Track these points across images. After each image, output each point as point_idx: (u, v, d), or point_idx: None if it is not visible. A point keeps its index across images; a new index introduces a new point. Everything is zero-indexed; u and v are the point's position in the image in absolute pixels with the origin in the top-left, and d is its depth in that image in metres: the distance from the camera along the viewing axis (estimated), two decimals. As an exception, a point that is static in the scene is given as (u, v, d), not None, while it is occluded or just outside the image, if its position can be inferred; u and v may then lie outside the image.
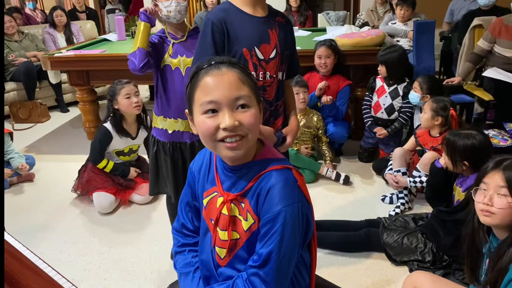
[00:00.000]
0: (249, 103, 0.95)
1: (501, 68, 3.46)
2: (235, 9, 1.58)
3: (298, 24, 5.32)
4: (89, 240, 2.57)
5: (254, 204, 0.99)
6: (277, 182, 0.97)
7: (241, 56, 1.57)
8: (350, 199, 2.94)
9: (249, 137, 0.95)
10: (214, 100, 0.92)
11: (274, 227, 0.94)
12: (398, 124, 3.28)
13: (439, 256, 2.13)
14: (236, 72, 0.95)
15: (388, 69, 3.20)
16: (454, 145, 2.16)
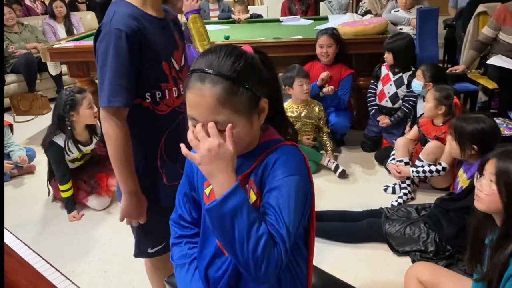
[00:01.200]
0: (228, 123, 0.89)
1: (506, 56, 3.40)
2: (143, 14, 1.31)
3: (300, 13, 5.26)
4: (89, 232, 2.56)
5: (258, 180, 0.97)
6: (283, 154, 0.96)
7: (161, 72, 1.35)
8: (352, 189, 2.92)
9: (238, 147, 0.92)
10: (194, 117, 0.92)
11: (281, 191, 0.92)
12: (401, 113, 3.25)
13: (442, 247, 2.11)
14: (217, 92, 0.88)
15: (395, 57, 3.17)
16: (463, 129, 2.14)
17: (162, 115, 1.39)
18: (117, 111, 1.29)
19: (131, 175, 1.36)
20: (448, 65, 4.75)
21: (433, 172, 2.60)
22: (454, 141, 2.22)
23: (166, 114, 1.40)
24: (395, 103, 3.29)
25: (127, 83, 1.27)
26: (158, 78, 1.36)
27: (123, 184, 1.37)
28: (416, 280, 1.75)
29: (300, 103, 3.18)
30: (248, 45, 1.01)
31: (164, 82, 1.37)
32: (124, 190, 1.38)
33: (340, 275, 2.10)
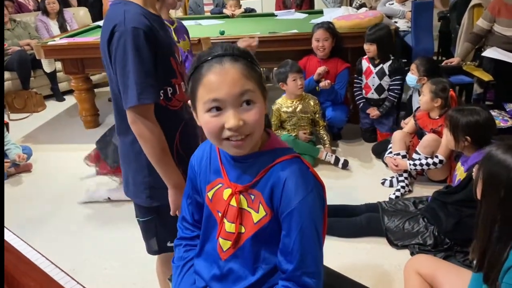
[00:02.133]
0: (254, 98, 0.91)
1: (501, 48, 3.41)
2: (147, 12, 1.32)
3: (294, 7, 5.24)
4: (88, 229, 2.56)
5: (268, 197, 0.98)
6: (291, 173, 0.96)
7: (171, 68, 1.38)
8: (350, 183, 2.93)
9: (254, 135, 0.94)
10: (218, 98, 0.89)
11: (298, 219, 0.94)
12: (389, 103, 3.33)
13: (441, 239, 2.13)
14: (239, 67, 0.90)
15: (379, 48, 3.21)
16: (457, 121, 2.16)
17: (174, 110, 1.41)
18: (148, 110, 1.29)
19: (175, 169, 1.37)
20: (443, 58, 4.77)
21: (430, 164, 2.62)
22: (449, 132, 2.24)
23: (178, 109, 1.42)
24: (382, 94, 3.35)
25: (152, 80, 1.28)
26: (169, 74, 1.37)
27: (169, 179, 1.37)
28: (415, 272, 1.77)
29: (294, 98, 3.18)
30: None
31: (174, 77, 1.39)
32: (170, 185, 1.37)
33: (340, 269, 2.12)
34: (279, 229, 0.98)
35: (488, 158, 1.35)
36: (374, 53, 3.24)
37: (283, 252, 0.97)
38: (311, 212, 0.95)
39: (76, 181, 3.14)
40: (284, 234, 0.97)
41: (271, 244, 1.00)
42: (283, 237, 0.97)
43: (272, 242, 1.00)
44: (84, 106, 4.02)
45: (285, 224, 0.96)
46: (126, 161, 1.48)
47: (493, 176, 1.32)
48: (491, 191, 1.34)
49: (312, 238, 0.95)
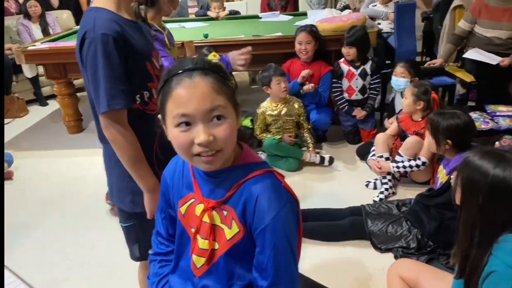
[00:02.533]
0: (225, 113, 0.89)
1: (483, 49, 3.45)
2: (120, 18, 1.32)
3: (279, 8, 5.24)
4: (71, 238, 2.53)
5: (241, 213, 0.96)
6: (264, 188, 0.94)
7: (147, 72, 1.38)
8: (334, 185, 2.94)
9: (225, 151, 0.92)
10: (187, 113, 0.87)
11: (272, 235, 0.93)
12: (372, 101, 3.40)
13: (424, 242, 2.14)
14: (210, 81, 0.89)
15: (359, 50, 3.24)
16: (438, 124, 2.18)
17: (152, 114, 1.41)
18: (120, 115, 1.30)
19: (149, 172, 1.37)
20: (427, 58, 4.81)
21: (413, 167, 2.64)
22: (431, 135, 2.26)
23: (155, 113, 1.41)
24: (365, 94, 3.42)
25: (123, 85, 1.28)
26: (145, 78, 1.38)
27: (143, 184, 1.38)
28: (398, 277, 1.78)
29: (279, 101, 3.18)
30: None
31: (150, 81, 1.40)
32: (145, 189, 1.38)
33: (324, 273, 2.13)
34: (253, 245, 0.97)
35: (466, 164, 1.36)
36: (354, 56, 3.26)
37: (257, 268, 0.96)
38: (284, 227, 0.93)
39: (59, 188, 3.10)
40: (258, 250, 0.96)
41: (245, 261, 0.99)
42: (257, 253, 0.96)
43: (246, 259, 0.99)
44: (67, 111, 3.97)
45: (258, 240, 0.95)
46: (109, 167, 1.48)
47: (471, 182, 1.33)
48: (469, 197, 1.35)
49: (286, 253, 0.94)
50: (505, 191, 1.25)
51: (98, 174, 3.21)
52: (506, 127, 2.59)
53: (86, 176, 3.24)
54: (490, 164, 1.29)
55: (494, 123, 2.64)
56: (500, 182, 1.25)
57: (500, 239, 1.26)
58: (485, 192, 1.28)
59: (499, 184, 1.25)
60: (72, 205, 2.87)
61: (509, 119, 2.69)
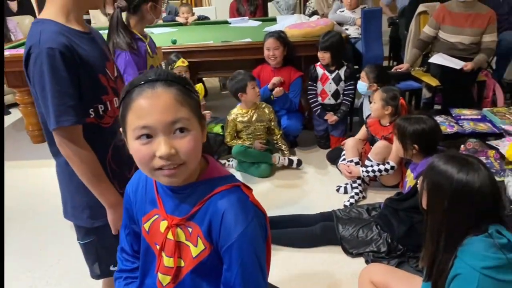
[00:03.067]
0: (188, 126, 0.86)
1: (447, 54, 3.54)
2: (69, 30, 1.26)
3: (248, 14, 5.24)
4: (35, 253, 2.43)
5: (206, 230, 0.93)
6: (230, 204, 0.92)
7: (100, 84, 1.32)
8: (305, 190, 2.94)
9: (188, 165, 0.88)
10: (148, 125, 0.84)
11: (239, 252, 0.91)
12: (345, 107, 3.41)
13: (394, 246, 2.16)
14: (173, 92, 0.85)
15: (333, 55, 3.26)
16: (405, 129, 2.21)
17: (106, 128, 1.36)
18: (71, 131, 1.24)
19: (109, 187, 1.34)
20: (394, 62, 4.90)
21: (382, 171, 2.67)
22: (398, 140, 2.29)
23: (110, 126, 1.38)
24: (338, 99, 3.42)
25: (72, 101, 1.23)
26: (98, 91, 1.33)
27: (104, 199, 1.34)
28: (369, 281, 1.79)
29: (251, 106, 3.16)
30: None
31: (104, 94, 1.35)
32: (107, 205, 1.35)
33: (295, 280, 2.12)
34: (220, 262, 0.95)
35: (431, 169, 1.38)
36: (329, 61, 3.28)
37: (225, 285, 0.94)
38: (252, 243, 0.91)
39: (23, 201, 2.98)
40: (225, 267, 0.93)
41: (213, 278, 0.96)
42: (225, 270, 0.93)
43: (213, 276, 0.96)
44: (31, 120, 3.84)
45: (225, 257, 0.92)
46: (62, 182, 1.43)
47: (436, 186, 1.35)
48: (435, 201, 1.37)
49: (254, 270, 0.92)
50: (468, 194, 1.27)
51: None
52: (470, 130, 2.65)
53: (51, 187, 3.12)
54: (454, 168, 1.31)
55: (459, 127, 2.70)
56: (464, 186, 1.27)
57: (465, 242, 1.28)
58: (450, 196, 1.30)
59: (463, 188, 1.27)
60: (36, 218, 2.77)
61: (472, 122, 2.75)
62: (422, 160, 2.19)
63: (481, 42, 3.46)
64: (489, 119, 2.80)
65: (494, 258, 1.19)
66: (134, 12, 2.12)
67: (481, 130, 2.65)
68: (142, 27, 2.17)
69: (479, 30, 3.42)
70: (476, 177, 1.27)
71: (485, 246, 1.22)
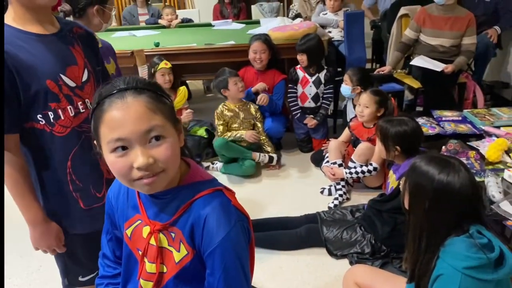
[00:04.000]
0: (163, 132, 0.85)
1: (428, 56, 3.59)
2: (15, 32, 1.19)
3: (232, 16, 5.24)
4: (15, 259, 2.38)
5: (189, 235, 0.92)
6: (213, 209, 0.91)
7: (47, 91, 1.22)
8: (289, 192, 2.94)
9: (168, 172, 0.87)
10: (122, 137, 0.82)
11: (222, 257, 0.90)
12: (324, 110, 3.43)
13: (377, 247, 2.18)
14: (144, 100, 0.84)
15: (309, 57, 3.28)
16: (387, 131, 2.23)
17: (61, 137, 1.30)
18: (6, 139, 1.19)
19: (32, 203, 1.30)
20: (377, 65, 4.95)
21: (365, 172, 2.69)
22: (380, 142, 2.31)
23: (65, 135, 1.31)
24: (318, 102, 3.44)
25: (8, 108, 1.17)
26: (45, 98, 1.24)
27: (25, 213, 1.31)
28: (353, 283, 1.80)
29: (237, 102, 3.21)
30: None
31: (53, 101, 1.26)
32: (27, 220, 1.32)
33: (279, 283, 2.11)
34: (203, 267, 0.94)
35: (413, 170, 1.40)
36: (306, 63, 3.30)
37: None
38: (234, 248, 0.91)
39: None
40: (208, 272, 0.92)
41: (196, 283, 0.96)
42: (208, 275, 0.93)
43: (197, 281, 0.95)
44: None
45: (208, 262, 0.91)
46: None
47: (418, 187, 1.37)
48: (417, 202, 1.38)
49: (237, 274, 0.91)
50: (449, 195, 1.29)
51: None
52: (451, 131, 2.68)
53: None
54: (435, 169, 1.32)
55: (440, 128, 2.73)
56: (444, 186, 1.29)
57: (446, 243, 1.30)
58: (431, 196, 1.32)
59: (443, 188, 1.29)
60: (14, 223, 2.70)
61: (453, 123, 2.79)
62: (405, 162, 2.22)
63: (461, 44, 3.53)
64: (469, 121, 2.84)
65: (476, 258, 1.21)
66: (80, 17, 1.95)
67: (462, 131, 2.69)
68: None
69: (458, 33, 3.48)
70: (456, 178, 1.28)
71: (466, 246, 1.24)
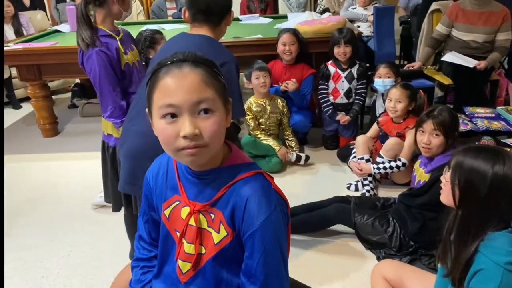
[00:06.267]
0: (213, 107, 0.86)
1: (459, 52, 3.51)
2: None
3: (259, 11, 5.23)
4: (46, 244, 2.44)
5: (229, 216, 0.92)
6: (254, 191, 0.91)
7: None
8: (316, 188, 2.92)
9: (211, 147, 0.88)
10: (174, 104, 0.84)
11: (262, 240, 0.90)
12: (357, 107, 3.35)
13: (405, 242, 2.14)
14: (199, 73, 0.86)
15: (353, 49, 3.24)
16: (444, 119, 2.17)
17: None
18: None
19: None
20: (405, 62, 4.87)
21: (394, 168, 2.65)
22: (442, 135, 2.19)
23: None
24: (350, 98, 3.37)
25: None
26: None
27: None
28: (382, 278, 1.77)
29: (262, 97, 3.22)
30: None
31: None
32: None
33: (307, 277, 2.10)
34: (241, 249, 0.94)
35: (459, 166, 1.32)
36: (350, 54, 3.23)
37: (246, 273, 0.93)
38: (274, 231, 0.90)
39: (34, 193, 2.99)
40: (247, 255, 0.92)
41: (234, 265, 0.95)
42: (246, 258, 0.92)
43: (235, 263, 0.95)
44: (42, 114, 3.86)
45: (248, 244, 0.91)
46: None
47: (471, 183, 1.29)
48: (470, 197, 1.31)
49: (276, 258, 0.91)
50: (507, 187, 1.23)
51: (74, 178, 3.16)
52: (484, 128, 2.62)
53: (61, 181, 3.15)
54: (487, 163, 1.26)
55: (473, 125, 2.67)
56: (503, 178, 1.23)
57: (486, 237, 1.26)
58: (487, 191, 1.25)
59: (502, 180, 1.23)
60: (45, 210, 2.78)
61: (486, 120, 2.72)
62: (438, 156, 2.16)
63: (494, 40, 3.43)
64: (503, 118, 2.77)
65: (519, 254, 1.17)
66: (100, 5, 1.94)
67: (495, 128, 2.62)
68: (110, 22, 1.97)
69: (493, 28, 3.38)
70: (506, 167, 1.23)
71: (509, 241, 1.20)
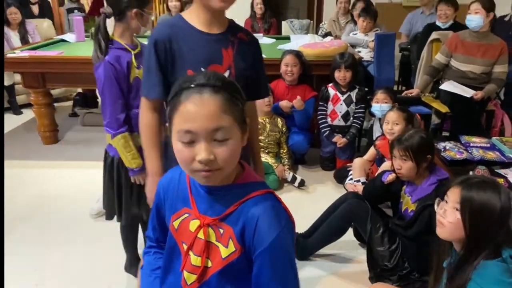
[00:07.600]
0: (228, 135, 0.89)
1: (457, 82, 3.59)
2: (184, 25, 1.41)
3: (262, 31, 5.33)
4: (42, 252, 2.45)
5: (239, 233, 0.95)
6: (265, 210, 0.94)
7: None
8: (311, 209, 2.91)
9: (225, 170, 0.92)
10: (191, 131, 0.87)
11: (272, 257, 0.92)
12: (355, 130, 3.42)
13: (402, 263, 2.15)
14: (219, 99, 0.88)
15: (353, 74, 3.33)
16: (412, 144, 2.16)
17: None
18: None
19: (153, 156, 1.52)
20: (403, 87, 4.96)
21: (389, 191, 2.68)
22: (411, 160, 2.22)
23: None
24: (347, 121, 3.45)
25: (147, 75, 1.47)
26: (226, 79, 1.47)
27: (148, 163, 1.54)
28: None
29: (263, 115, 3.27)
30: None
31: None
32: (148, 170, 1.55)
33: None
34: (247, 266, 0.96)
35: (469, 201, 1.36)
36: (349, 80, 3.32)
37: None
38: (285, 247, 0.93)
39: (31, 201, 3.00)
40: (255, 272, 0.94)
41: (238, 281, 0.98)
42: (255, 276, 0.95)
43: (239, 279, 0.97)
44: (43, 121, 3.89)
45: (257, 261, 0.94)
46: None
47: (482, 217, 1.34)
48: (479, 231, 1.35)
49: (287, 273, 0.94)
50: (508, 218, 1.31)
51: (72, 187, 3.18)
52: (480, 158, 2.66)
53: (58, 189, 3.16)
54: (493, 195, 1.33)
55: (468, 154, 2.71)
56: (508, 210, 1.31)
57: (479, 266, 1.29)
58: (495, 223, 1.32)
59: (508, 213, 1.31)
60: (41, 219, 2.78)
61: (482, 150, 2.77)
62: (422, 184, 2.16)
63: (491, 72, 3.52)
64: (498, 148, 2.82)
65: (509, 283, 1.21)
66: (119, 20, 1.96)
67: (490, 158, 2.66)
68: (128, 36, 2.00)
69: (490, 60, 3.47)
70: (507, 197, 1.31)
71: (500, 270, 1.24)
